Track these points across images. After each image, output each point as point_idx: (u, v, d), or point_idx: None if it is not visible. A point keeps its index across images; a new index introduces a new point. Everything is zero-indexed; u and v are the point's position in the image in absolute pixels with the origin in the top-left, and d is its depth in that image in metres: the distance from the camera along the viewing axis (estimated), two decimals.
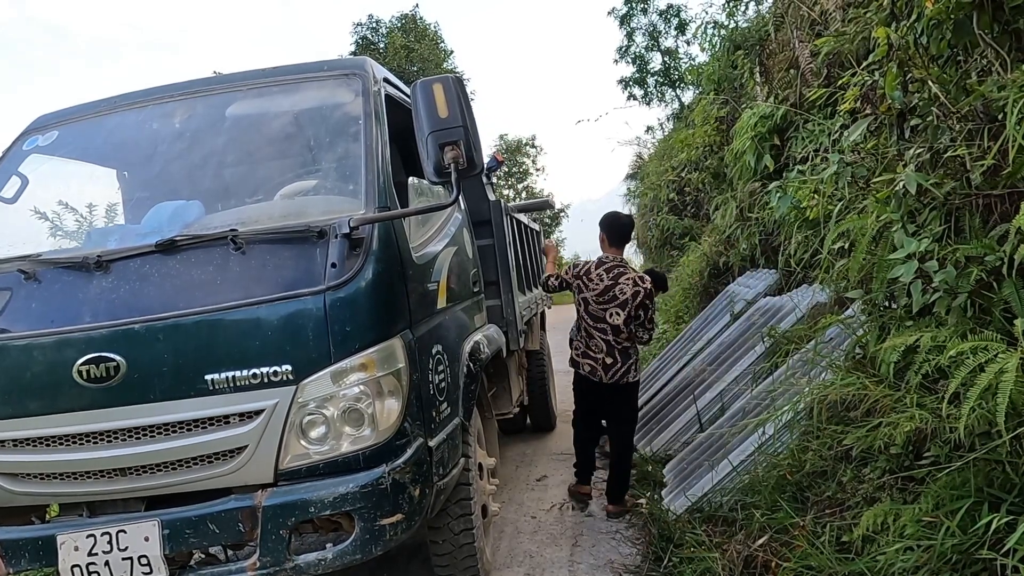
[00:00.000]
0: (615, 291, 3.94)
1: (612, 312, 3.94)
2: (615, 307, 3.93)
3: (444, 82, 2.43)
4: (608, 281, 3.97)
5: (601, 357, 4.01)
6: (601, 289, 3.97)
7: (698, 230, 10.05)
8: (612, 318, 3.94)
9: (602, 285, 3.97)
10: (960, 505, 2.07)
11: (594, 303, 3.98)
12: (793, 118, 5.57)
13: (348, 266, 2.34)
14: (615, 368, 3.99)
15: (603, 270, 4.00)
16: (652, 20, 17.01)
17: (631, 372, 4.02)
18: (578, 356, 4.15)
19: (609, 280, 3.97)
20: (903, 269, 2.23)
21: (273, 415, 2.28)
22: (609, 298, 3.95)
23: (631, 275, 3.99)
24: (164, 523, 2.28)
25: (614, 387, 4.04)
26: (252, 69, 3.08)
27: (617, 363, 3.98)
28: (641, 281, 3.98)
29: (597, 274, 4.00)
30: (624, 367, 3.99)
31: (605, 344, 3.99)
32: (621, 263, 4.06)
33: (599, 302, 3.97)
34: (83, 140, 3.09)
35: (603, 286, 3.97)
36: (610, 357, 3.99)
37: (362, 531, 2.29)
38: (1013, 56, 2.35)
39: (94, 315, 2.36)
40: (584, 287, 4.02)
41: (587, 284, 4.01)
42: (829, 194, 3.05)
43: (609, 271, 4.00)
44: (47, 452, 2.39)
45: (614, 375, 3.99)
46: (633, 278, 3.98)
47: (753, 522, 3.00)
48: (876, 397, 2.45)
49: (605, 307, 3.95)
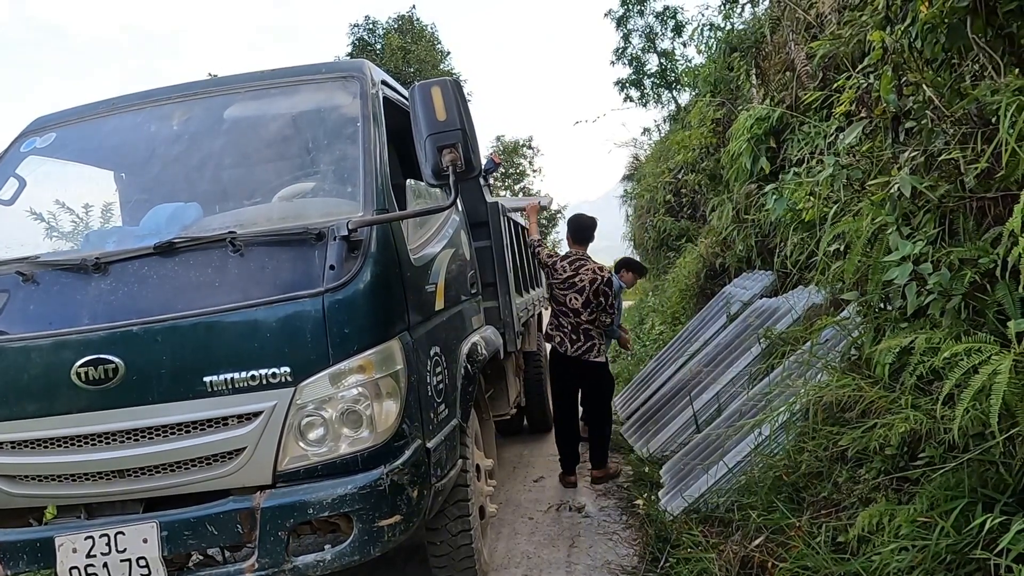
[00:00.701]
0: (575, 280, 4.63)
1: (571, 297, 4.63)
2: (574, 293, 4.63)
3: (442, 85, 2.44)
4: (570, 271, 4.66)
5: (568, 332, 4.70)
6: (564, 278, 4.67)
7: (694, 232, 10.07)
8: (571, 302, 4.63)
9: (565, 275, 4.67)
10: (954, 506, 2.08)
11: (558, 289, 4.70)
12: (789, 120, 5.59)
13: (346, 268, 2.35)
14: (577, 344, 4.66)
15: (567, 262, 4.71)
16: (649, 22, 17.03)
17: (592, 351, 4.66)
18: (552, 329, 4.81)
19: (571, 271, 4.66)
20: (898, 271, 2.25)
21: (271, 417, 2.29)
22: (568, 285, 4.65)
23: (590, 266, 4.67)
24: (162, 525, 2.29)
25: (577, 362, 4.69)
26: (250, 72, 3.08)
27: (580, 341, 4.65)
28: (599, 271, 4.65)
29: (562, 266, 4.71)
30: (585, 345, 4.64)
31: (568, 324, 4.69)
32: (582, 257, 4.74)
33: (561, 288, 4.68)
34: (81, 142, 3.09)
35: (565, 276, 4.66)
36: (573, 334, 4.68)
37: (360, 532, 2.30)
38: (1006, 60, 2.37)
39: (92, 317, 2.36)
40: (552, 275, 4.74)
41: (554, 274, 4.72)
42: (825, 196, 3.07)
43: (572, 263, 4.70)
44: (45, 454, 2.39)
45: (577, 350, 4.66)
46: (592, 268, 4.65)
47: (750, 523, 3.01)
48: (871, 398, 2.47)
49: (565, 293, 4.66)
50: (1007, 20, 2.39)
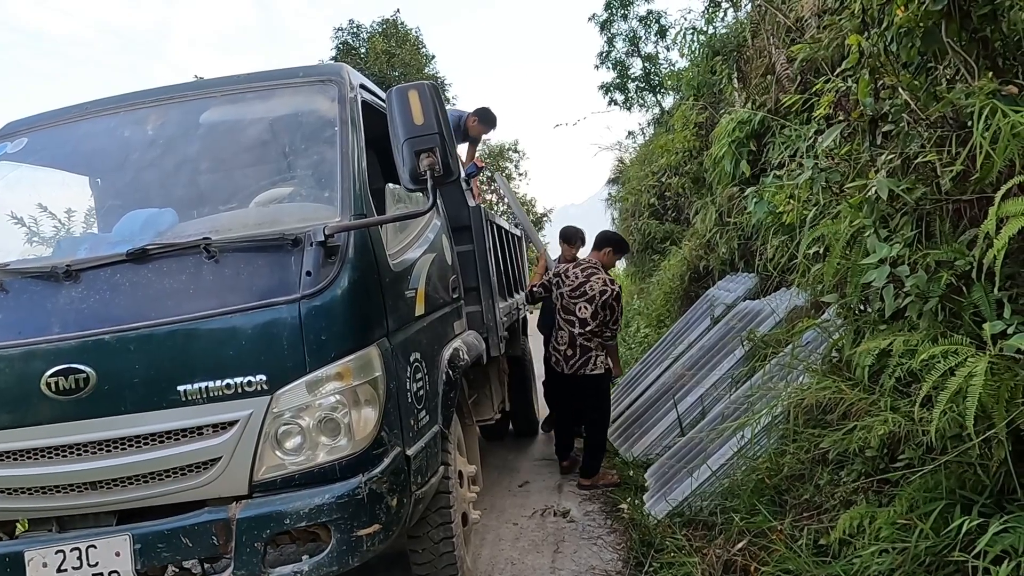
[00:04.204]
0: (586, 287, 4.55)
1: (581, 306, 4.54)
2: (584, 301, 4.53)
3: (419, 89, 2.42)
4: (582, 278, 4.61)
5: (563, 349, 4.60)
6: (575, 285, 4.59)
7: (679, 234, 10.10)
8: (580, 311, 4.54)
9: (576, 282, 4.60)
10: (933, 507, 2.09)
11: (568, 297, 4.59)
12: (770, 124, 5.62)
13: (323, 274, 2.32)
14: (573, 360, 4.56)
15: (579, 269, 4.68)
16: (632, 26, 17.08)
17: (588, 365, 4.56)
18: (550, 350, 4.81)
19: (583, 277, 4.61)
20: (875, 274, 2.26)
21: (247, 426, 2.25)
22: (579, 293, 4.56)
23: (601, 276, 4.61)
24: (136, 537, 2.24)
25: (574, 378, 4.60)
26: (227, 75, 3.05)
27: (575, 356, 4.55)
28: (610, 283, 4.58)
29: (573, 273, 4.67)
30: (581, 360, 4.55)
31: (568, 336, 4.58)
32: (595, 265, 4.70)
33: (572, 296, 4.58)
34: (54, 147, 3.03)
35: (577, 283, 4.60)
36: (570, 349, 4.56)
37: (339, 542, 2.26)
38: (980, 64, 2.39)
39: (63, 326, 2.31)
40: (562, 283, 4.66)
41: (564, 280, 4.65)
42: (804, 199, 3.08)
43: (584, 271, 4.66)
44: (15, 466, 2.33)
45: (572, 366, 4.57)
46: (603, 279, 4.59)
47: (732, 526, 3.02)
48: (851, 400, 2.48)
49: (576, 301, 4.55)
50: (981, 24, 2.41)
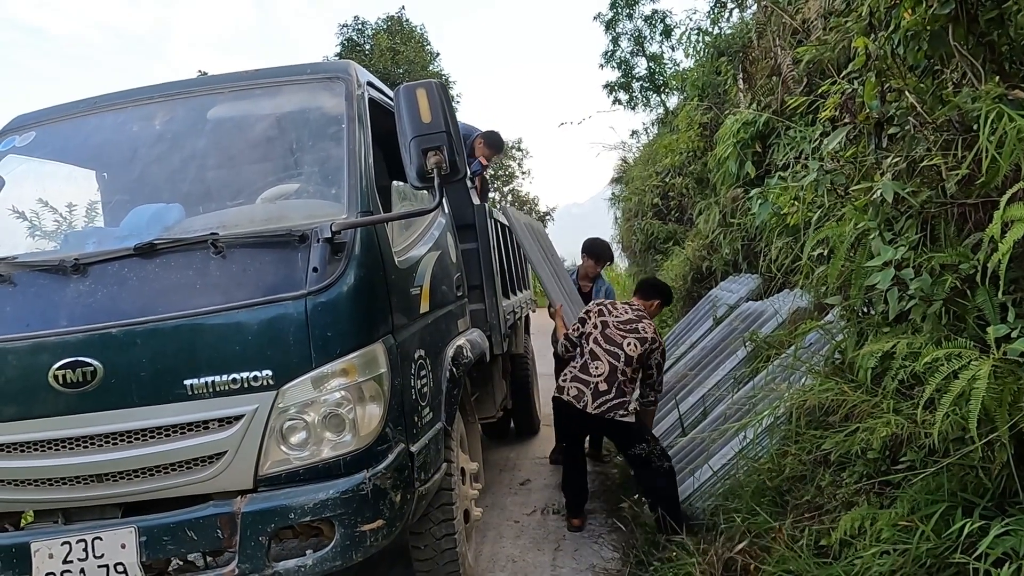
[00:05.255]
0: (638, 326, 3.90)
1: (631, 342, 3.82)
2: (635, 338, 3.84)
3: (427, 87, 2.43)
4: (632, 315, 3.98)
5: (596, 382, 3.74)
6: (625, 319, 3.94)
7: (682, 235, 10.11)
8: (629, 347, 3.80)
9: (626, 316, 3.96)
10: (935, 510, 2.10)
11: (615, 327, 3.89)
12: (775, 125, 5.62)
13: (330, 271, 2.33)
14: (606, 397, 3.70)
15: (627, 306, 4.07)
16: (637, 25, 17.06)
17: (621, 409, 3.72)
18: (565, 381, 3.90)
19: (633, 315, 3.98)
20: (880, 276, 2.26)
21: (253, 420, 2.27)
22: (631, 329, 3.88)
23: (652, 325, 3.99)
24: (141, 530, 2.26)
25: (599, 420, 3.73)
26: (234, 72, 3.06)
27: (610, 393, 3.71)
28: (657, 334, 3.96)
29: (623, 307, 4.05)
30: (616, 400, 3.72)
31: (609, 368, 3.76)
32: (643, 311, 4.07)
33: (621, 329, 3.88)
34: (62, 141, 3.05)
35: (627, 317, 3.95)
36: (606, 384, 3.72)
37: (343, 537, 2.28)
38: (987, 68, 2.39)
39: (70, 319, 2.33)
40: (608, 313, 3.98)
41: (611, 311, 3.99)
42: (809, 201, 3.08)
43: (633, 309, 4.04)
44: (22, 458, 2.35)
45: (601, 405, 3.69)
46: (655, 328, 3.98)
47: (733, 527, 3.02)
48: (854, 402, 2.48)
49: (625, 335, 3.85)
50: (988, 28, 2.41)
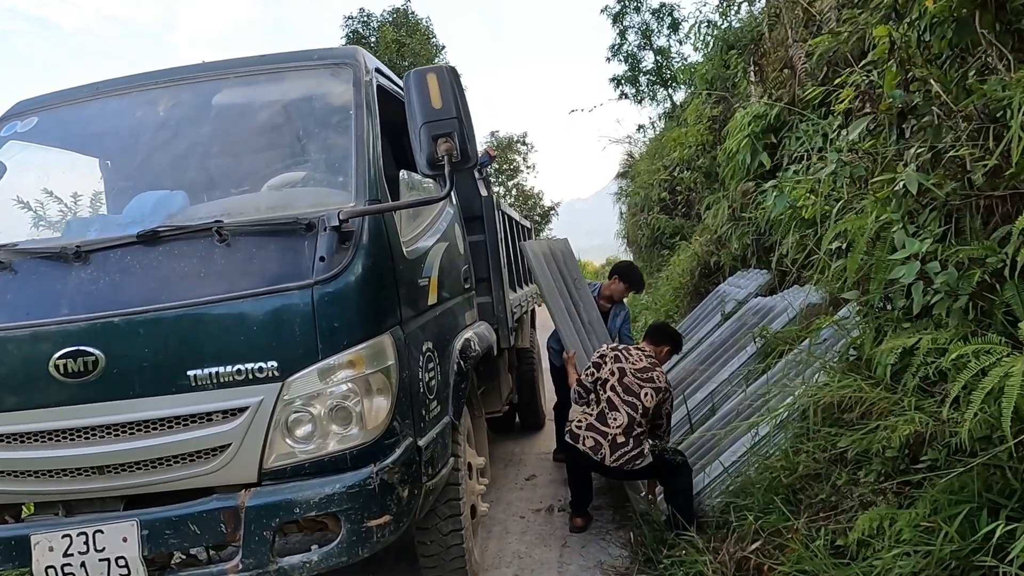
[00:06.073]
0: (652, 375, 3.79)
1: (648, 392, 3.70)
2: (651, 388, 3.72)
3: (438, 72, 2.37)
4: (646, 362, 3.86)
5: (615, 434, 3.62)
6: (640, 367, 3.81)
7: (689, 229, 10.04)
8: (646, 398, 3.68)
9: (641, 364, 3.83)
10: (959, 511, 2.03)
11: (632, 375, 3.75)
12: (787, 118, 5.55)
13: (337, 260, 2.28)
14: (624, 450, 3.59)
15: (643, 354, 3.94)
16: (645, 19, 16.97)
17: (640, 459, 3.59)
18: (580, 428, 3.74)
19: (647, 362, 3.87)
20: (904, 270, 2.19)
21: (258, 413, 2.22)
22: (647, 378, 3.76)
23: (663, 372, 3.90)
24: (143, 523, 2.21)
25: (618, 471, 3.66)
26: (240, 57, 3.00)
27: (628, 446, 3.60)
28: (668, 382, 3.88)
29: (637, 353, 3.91)
30: (634, 453, 3.59)
31: (627, 420, 3.63)
32: (655, 357, 3.99)
33: (638, 377, 3.75)
34: (64, 127, 3.00)
35: (642, 365, 3.83)
36: (624, 436, 3.61)
37: (349, 533, 2.23)
38: (1015, 56, 2.32)
39: (72, 308, 2.28)
40: (624, 359, 3.84)
41: (627, 357, 3.86)
42: (825, 194, 3.01)
43: (647, 356, 3.93)
44: (22, 449, 2.31)
45: (620, 458, 3.58)
46: (665, 375, 3.90)
47: (746, 525, 2.97)
48: (873, 400, 2.42)
49: (642, 384, 3.72)
50: (1016, 15, 2.34)
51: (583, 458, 3.71)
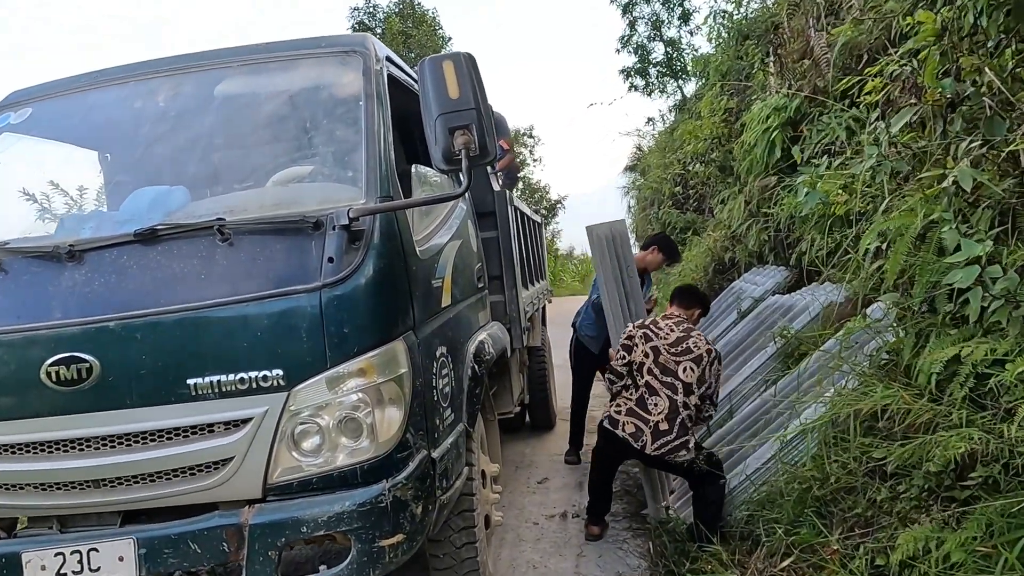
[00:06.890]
0: (688, 343, 3.52)
1: (687, 366, 3.44)
2: (690, 361, 3.46)
3: (455, 59, 2.20)
4: (680, 332, 3.59)
5: (657, 420, 3.39)
6: (674, 339, 3.54)
7: (701, 225, 9.86)
8: (685, 374, 3.43)
9: (674, 335, 3.57)
10: (1018, 535, 1.88)
11: (666, 352, 3.49)
12: (808, 110, 5.36)
13: (346, 261, 2.13)
14: (667, 438, 3.36)
15: (672, 323, 3.67)
16: (655, 9, 16.71)
17: (683, 450, 3.36)
18: (619, 414, 3.50)
19: (681, 332, 3.59)
20: (961, 274, 2.03)
21: (262, 424, 2.08)
22: (683, 350, 3.50)
23: (701, 334, 3.63)
24: (140, 541, 2.08)
25: (657, 459, 3.43)
26: (244, 45, 2.85)
27: (671, 433, 3.36)
28: (711, 342, 3.63)
29: (666, 324, 3.65)
30: (678, 441, 3.36)
31: (669, 404, 3.40)
32: (688, 322, 3.74)
33: (672, 352, 3.49)
34: (59, 118, 2.85)
35: (675, 336, 3.56)
36: (667, 423, 3.37)
37: (359, 553, 2.08)
38: None
39: (65, 311, 2.14)
40: (654, 335, 3.57)
41: (656, 333, 3.59)
42: (862, 190, 2.84)
43: (679, 324, 3.66)
44: (12, 461, 2.18)
45: (662, 446, 3.35)
46: (704, 337, 3.62)
47: (775, 539, 2.82)
48: (918, 411, 2.26)
49: (679, 359, 3.47)
50: None
51: (621, 443, 3.47)
